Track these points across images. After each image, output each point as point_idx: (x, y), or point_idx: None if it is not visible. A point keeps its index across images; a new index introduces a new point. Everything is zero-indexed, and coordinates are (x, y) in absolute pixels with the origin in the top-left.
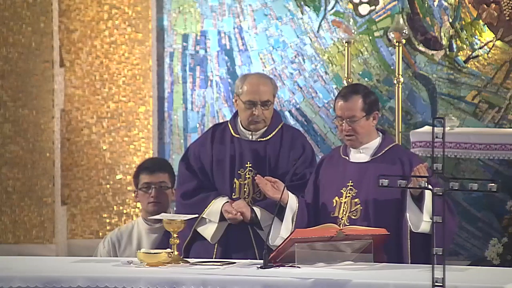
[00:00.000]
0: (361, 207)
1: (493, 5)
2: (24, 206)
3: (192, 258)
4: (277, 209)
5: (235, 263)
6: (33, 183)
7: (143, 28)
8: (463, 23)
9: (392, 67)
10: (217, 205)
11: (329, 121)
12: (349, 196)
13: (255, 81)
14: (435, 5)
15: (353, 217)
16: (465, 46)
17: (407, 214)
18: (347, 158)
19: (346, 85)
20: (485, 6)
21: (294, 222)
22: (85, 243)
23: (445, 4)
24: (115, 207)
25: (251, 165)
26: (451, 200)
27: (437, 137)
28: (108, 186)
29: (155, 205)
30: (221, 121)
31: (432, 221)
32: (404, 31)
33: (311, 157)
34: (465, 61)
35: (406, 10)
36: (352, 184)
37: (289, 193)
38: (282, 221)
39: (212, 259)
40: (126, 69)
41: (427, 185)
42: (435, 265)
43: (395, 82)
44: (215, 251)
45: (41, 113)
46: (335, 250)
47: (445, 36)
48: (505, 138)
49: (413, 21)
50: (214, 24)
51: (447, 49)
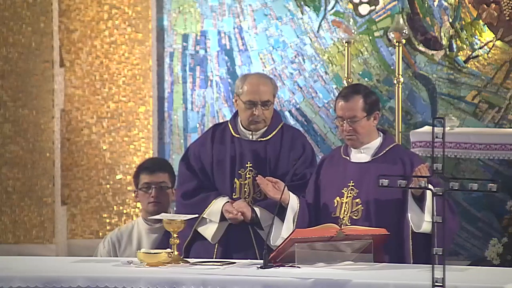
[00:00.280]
0: (362, 207)
1: (493, 5)
2: (24, 206)
3: (192, 258)
4: (278, 209)
5: (235, 263)
6: (33, 183)
7: (143, 28)
8: (463, 23)
9: (392, 67)
10: (217, 205)
11: (329, 121)
12: (350, 196)
13: (255, 81)
14: (435, 5)
15: (354, 217)
16: (465, 46)
17: (409, 214)
18: (348, 158)
19: (346, 85)
20: (485, 6)
21: (295, 222)
22: (85, 243)
23: (445, 4)
24: (115, 207)
25: (251, 165)
26: (451, 200)
27: (437, 137)
28: (108, 186)
29: (155, 205)
30: (221, 121)
31: (432, 221)
32: (404, 31)
33: (311, 157)
34: (465, 61)
35: (406, 10)
36: (353, 184)
37: (290, 193)
38: (283, 221)
39: (212, 259)
40: (126, 69)
41: (427, 185)
42: (435, 265)
43: (395, 82)
44: (216, 251)
45: (41, 113)
46: (335, 250)
47: (445, 36)
48: (505, 138)
49: (413, 21)
50: (214, 24)
51: (447, 49)
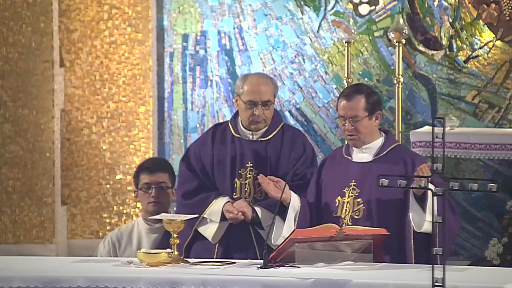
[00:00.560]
0: (363, 207)
1: (493, 5)
2: (24, 206)
3: (192, 258)
4: (279, 209)
5: (235, 263)
6: (33, 183)
7: (143, 28)
8: (463, 23)
9: (392, 67)
10: (218, 205)
11: (329, 121)
12: (351, 196)
13: (255, 81)
14: (435, 5)
15: (355, 216)
16: (465, 46)
17: (410, 214)
18: (349, 158)
19: (346, 85)
20: (485, 6)
21: (296, 221)
22: (85, 243)
23: (445, 4)
24: (115, 207)
25: (252, 165)
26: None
27: (437, 137)
28: (108, 186)
29: (155, 205)
30: (221, 121)
31: (433, 221)
32: (404, 31)
33: (312, 157)
34: (465, 61)
35: (406, 10)
36: (354, 184)
37: (292, 192)
38: (284, 221)
39: (212, 259)
40: (126, 69)
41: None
42: (435, 265)
43: (395, 82)
44: (216, 251)
45: (41, 113)
46: (335, 250)
47: (445, 36)
48: (505, 138)
49: (413, 21)
50: (214, 24)
51: (447, 49)
